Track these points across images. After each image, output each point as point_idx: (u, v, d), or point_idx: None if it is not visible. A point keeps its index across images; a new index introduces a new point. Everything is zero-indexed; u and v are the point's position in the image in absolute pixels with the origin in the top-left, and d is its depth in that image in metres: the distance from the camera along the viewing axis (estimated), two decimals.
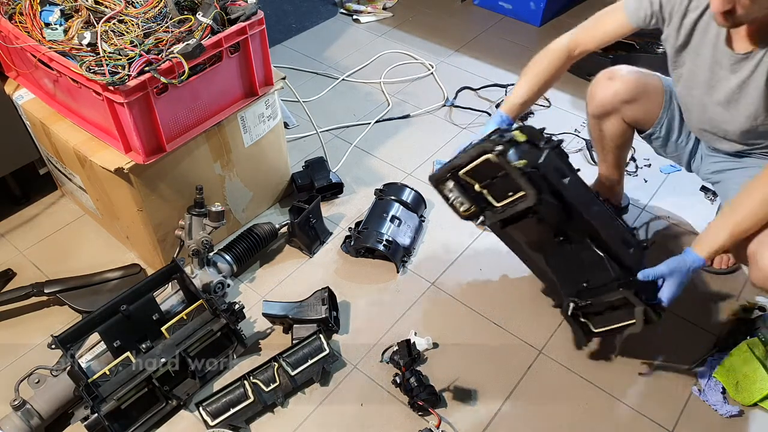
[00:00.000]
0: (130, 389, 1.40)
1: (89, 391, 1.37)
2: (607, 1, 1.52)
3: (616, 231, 1.44)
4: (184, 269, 1.56)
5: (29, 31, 1.47)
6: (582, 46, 1.53)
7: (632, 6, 1.44)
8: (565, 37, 1.55)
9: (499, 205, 1.41)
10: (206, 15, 1.47)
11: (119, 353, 1.43)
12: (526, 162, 1.31)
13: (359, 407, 1.49)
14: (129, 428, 1.42)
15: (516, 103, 1.55)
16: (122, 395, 1.39)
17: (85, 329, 1.44)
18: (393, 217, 1.83)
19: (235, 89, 1.64)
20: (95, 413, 1.36)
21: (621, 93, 1.56)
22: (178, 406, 1.47)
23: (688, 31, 1.39)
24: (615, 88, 1.57)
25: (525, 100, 1.55)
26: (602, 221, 1.42)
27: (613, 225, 1.45)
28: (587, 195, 1.45)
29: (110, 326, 1.43)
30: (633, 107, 1.58)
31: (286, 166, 1.99)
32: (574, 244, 1.43)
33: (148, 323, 1.50)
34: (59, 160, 1.76)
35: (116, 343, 1.44)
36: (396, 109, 2.42)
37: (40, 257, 1.86)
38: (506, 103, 1.57)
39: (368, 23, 2.97)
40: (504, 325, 1.65)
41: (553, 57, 1.54)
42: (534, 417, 1.45)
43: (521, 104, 1.56)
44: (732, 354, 1.51)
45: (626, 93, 1.56)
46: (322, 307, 1.59)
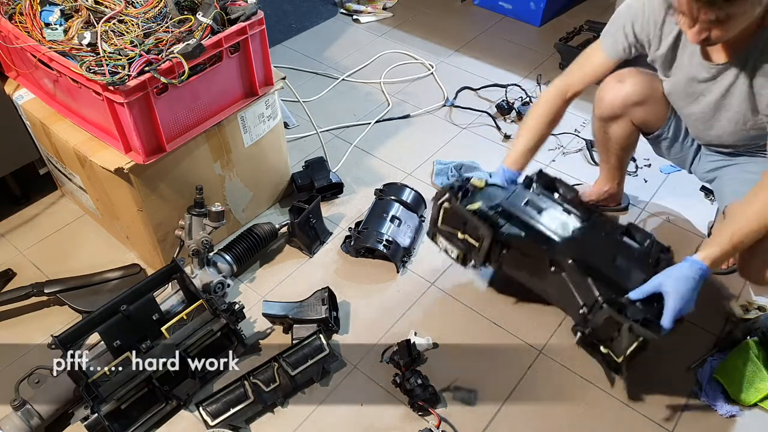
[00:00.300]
0: (130, 389, 1.40)
1: (89, 390, 1.37)
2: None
3: (604, 251, 1.44)
4: (184, 269, 1.56)
5: (29, 31, 1.47)
6: (573, 89, 1.57)
7: (609, 44, 1.50)
8: (556, 82, 1.58)
9: (477, 245, 1.50)
10: (206, 15, 1.47)
11: (119, 353, 1.43)
12: (479, 205, 1.45)
13: (359, 407, 1.49)
14: (129, 428, 1.42)
15: (518, 154, 1.58)
16: (122, 395, 1.39)
17: (85, 329, 1.44)
18: (393, 217, 1.83)
19: (235, 89, 1.64)
20: (95, 413, 1.36)
21: (631, 95, 1.57)
22: (178, 406, 1.47)
23: (670, 52, 1.43)
24: (626, 91, 1.57)
25: (526, 149, 1.58)
26: (582, 244, 1.44)
27: (599, 244, 1.45)
28: (563, 217, 1.51)
29: (110, 326, 1.43)
30: (642, 109, 1.58)
31: (286, 166, 1.99)
32: (564, 271, 1.44)
33: (148, 323, 1.49)
34: (59, 160, 1.76)
35: (116, 342, 1.44)
36: (396, 109, 2.42)
37: (40, 257, 1.86)
38: (508, 158, 1.59)
39: (368, 23, 2.97)
40: (504, 325, 1.65)
41: (548, 104, 1.58)
42: (534, 417, 1.45)
43: (523, 154, 1.58)
44: (732, 354, 1.51)
45: (636, 95, 1.56)
46: (322, 307, 1.59)
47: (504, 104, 2.35)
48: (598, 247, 1.45)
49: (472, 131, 2.31)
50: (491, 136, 2.29)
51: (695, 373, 1.53)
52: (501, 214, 1.49)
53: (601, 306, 1.33)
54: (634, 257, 1.44)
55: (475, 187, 1.54)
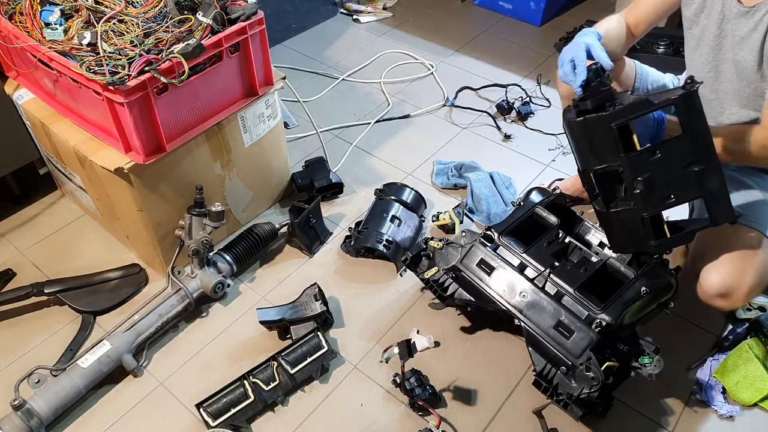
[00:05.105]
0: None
1: None
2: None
3: (548, 315, 1.41)
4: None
5: (29, 31, 1.47)
6: (640, 27, 1.53)
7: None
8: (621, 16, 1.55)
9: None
10: (206, 15, 1.47)
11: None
12: (434, 271, 1.54)
13: (359, 407, 1.49)
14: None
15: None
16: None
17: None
18: (393, 217, 1.83)
19: (235, 89, 1.64)
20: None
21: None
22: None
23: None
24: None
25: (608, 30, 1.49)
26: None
27: (544, 308, 1.42)
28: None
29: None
30: None
31: (286, 166, 1.99)
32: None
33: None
34: (59, 160, 1.76)
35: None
36: (396, 109, 2.42)
37: (40, 257, 1.86)
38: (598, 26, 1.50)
39: (368, 23, 2.97)
40: (504, 325, 1.65)
41: (621, 26, 1.52)
42: (534, 417, 1.45)
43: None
44: (732, 354, 1.51)
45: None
46: (316, 303, 1.59)
47: (504, 104, 2.35)
48: (544, 311, 1.42)
49: (472, 131, 2.31)
50: (491, 136, 2.29)
51: (695, 373, 1.53)
52: (456, 279, 1.55)
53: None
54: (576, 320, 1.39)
55: (435, 249, 1.58)
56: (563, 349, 1.36)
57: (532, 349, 1.43)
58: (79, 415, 1.49)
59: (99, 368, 1.48)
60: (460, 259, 1.54)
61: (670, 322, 1.62)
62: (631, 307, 1.37)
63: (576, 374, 1.33)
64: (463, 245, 1.56)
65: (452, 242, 1.59)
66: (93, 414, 1.49)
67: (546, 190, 1.70)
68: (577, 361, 1.33)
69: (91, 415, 1.49)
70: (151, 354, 1.60)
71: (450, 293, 1.55)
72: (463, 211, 1.92)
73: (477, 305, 1.52)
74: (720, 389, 1.48)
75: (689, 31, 1.49)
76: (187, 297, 1.63)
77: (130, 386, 1.54)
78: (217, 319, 1.69)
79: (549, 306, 1.41)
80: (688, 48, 1.52)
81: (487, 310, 1.52)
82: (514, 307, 1.45)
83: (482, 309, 1.54)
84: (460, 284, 1.54)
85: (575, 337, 1.35)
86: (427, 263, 1.60)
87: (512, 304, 1.45)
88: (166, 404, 1.51)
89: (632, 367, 1.34)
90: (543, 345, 1.39)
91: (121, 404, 1.51)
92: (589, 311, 1.37)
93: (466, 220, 1.91)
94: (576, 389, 1.32)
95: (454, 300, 1.56)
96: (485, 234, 1.56)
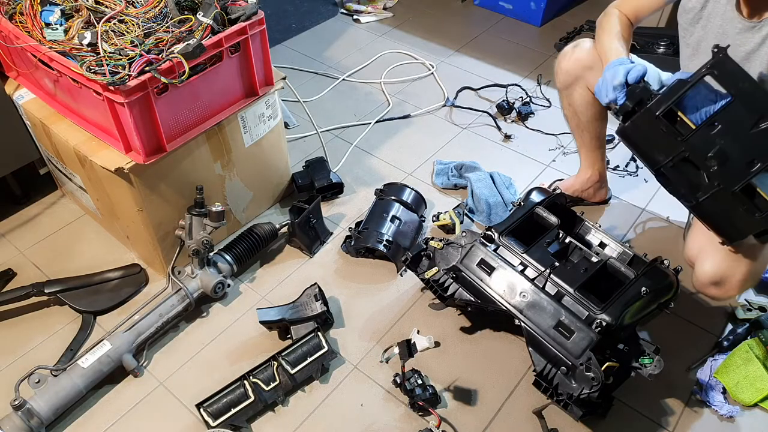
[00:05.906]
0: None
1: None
2: (605, 2, 1.52)
3: (549, 315, 1.41)
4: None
5: (29, 31, 1.47)
6: (640, 15, 1.53)
7: None
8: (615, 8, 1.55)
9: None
10: (206, 15, 1.47)
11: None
12: (435, 271, 1.54)
13: (359, 407, 1.49)
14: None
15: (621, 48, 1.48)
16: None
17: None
18: (393, 217, 1.83)
19: (236, 89, 1.64)
20: None
21: (583, 59, 1.61)
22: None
23: (702, 1, 1.40)
24: (577, 55, 1.63)
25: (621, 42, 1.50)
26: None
27: (545, 308, 1.42)
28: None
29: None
30: (595, 74, 1.55)
31: (286, 166, 1.99)
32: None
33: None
34: (59, 160, 1.76)
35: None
36: (396, 109, 2.42)
37: (40, 257, 1.86)
38: (617, 52, 1.48)
39: (368, 23, 2.97)
40: (504, 325, 1.65)
41: (621, 22, 1.53)
42: (534, 417, 1.45)
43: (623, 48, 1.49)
44: (732, 354, 1.51)
45: (589, 59, 1.60)
46: (316, 303, 1.59)
47: (504, 104, 2.35)
48: (544, 311, 1.42)
49: (472, 131, 2.31)
50: (491, 136, 2.29)
51: (695, 373, 1.53)
52: (456, 279, 1.55)
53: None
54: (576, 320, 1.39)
55: (435, 249, 1.59)
56: (563, 350, 1.36)
57: (532, 350, 1.43)
58: (80, 415, 1.49)
59: (99, 368, 1.48)
60: (460, 259, 1.54)
61: (670, 322, 1.62)
62: (631, 307, 1.38)
63: (576, 374, 1.33)
64: (464, 245, 1.56)
65: (452, 242, 1.59)
66: (93, 414, 1.49)
67: (546, 191, 1.70)
68: (577, 362, 1.33)
69: (91, 415, 1.49)
70: (151, 354, 1.61)
71: (450, 293, 1.55)
72: (464, 211, 1.92)
73: (477, 305, 1.52)
74: (720, 389, 1.48)
75: (684, 40, 1.50)
76: (188, 297, 1.63)
77: (131, 386, 1.54)
78: (218, 319, 1.69)
79: (549, 306, 1.41)
80: (684, 56, 1.53)
81: (488, 310, 1.52)
82: (515, 307, 1.45)
83: (482, 309, 1.54)
84: (461, 284, 1.54)
85: (575, 337, 1.35)
86: (427, 263, 1.60)
87: (512, 304, 1.45)
88: (166, 404, 1.51)
89: (632, 367, 1.34)
90: (543, 345, 1.39)
91: (121, 404, 1.51)
92: (589, 311, 1.37)
93: (466, 220, 1.91)
94: (576, 389, 1.32)
95: (454, 300, 1.56)
96: (485, 234, 1.56)
